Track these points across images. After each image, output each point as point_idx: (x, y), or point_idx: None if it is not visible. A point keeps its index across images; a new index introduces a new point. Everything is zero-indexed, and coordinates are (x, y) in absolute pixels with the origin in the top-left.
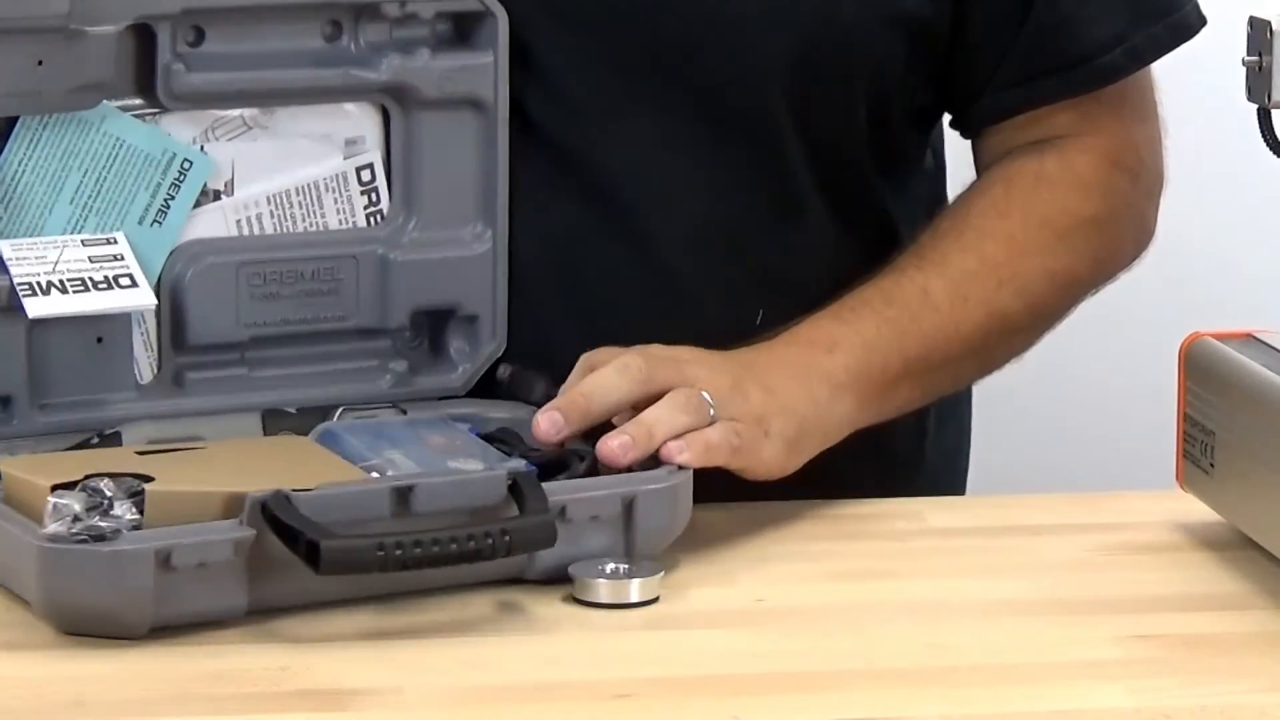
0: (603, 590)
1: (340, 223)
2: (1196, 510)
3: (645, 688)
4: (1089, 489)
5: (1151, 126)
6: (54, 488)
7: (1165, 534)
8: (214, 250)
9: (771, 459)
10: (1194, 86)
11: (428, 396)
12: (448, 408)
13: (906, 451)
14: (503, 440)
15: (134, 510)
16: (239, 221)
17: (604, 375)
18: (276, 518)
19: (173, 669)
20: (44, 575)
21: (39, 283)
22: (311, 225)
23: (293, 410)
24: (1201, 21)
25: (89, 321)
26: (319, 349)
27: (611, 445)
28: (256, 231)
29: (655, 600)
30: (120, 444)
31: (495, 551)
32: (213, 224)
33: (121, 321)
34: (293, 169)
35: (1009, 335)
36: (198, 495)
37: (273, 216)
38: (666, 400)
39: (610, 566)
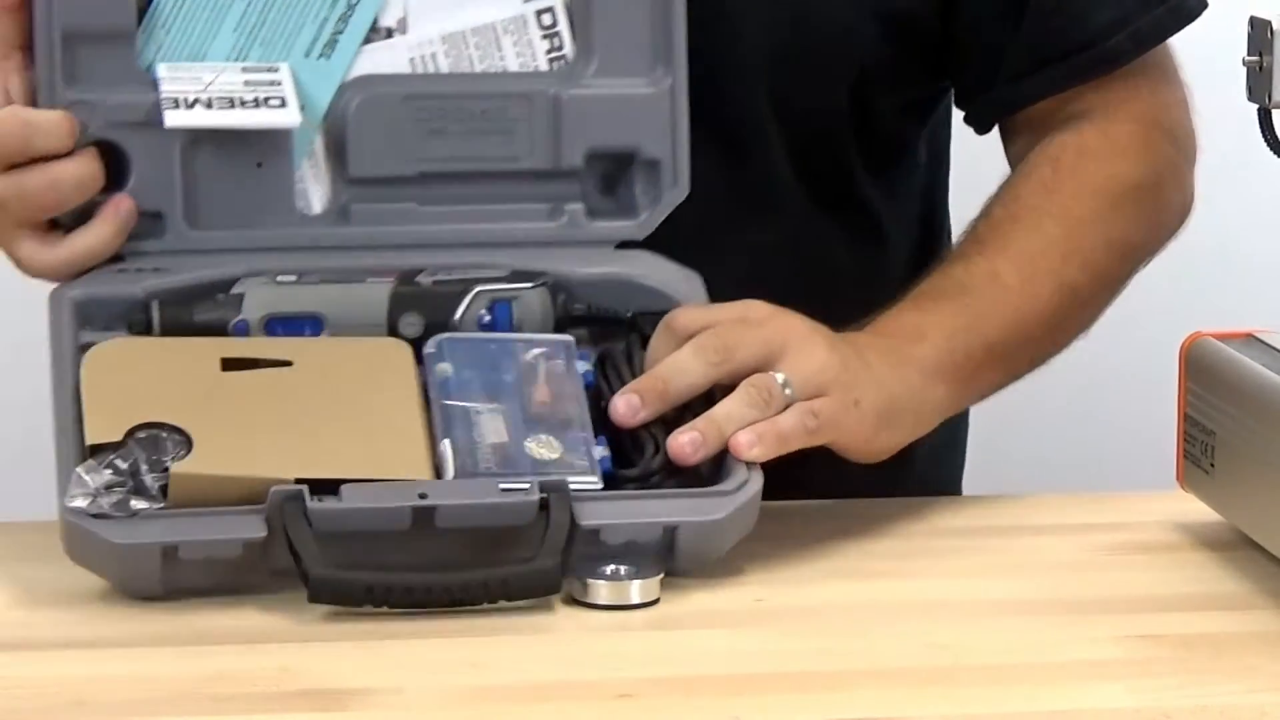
0: (603, 592)
1: (521, 66)
2: (1196, 510)
3: (646, 688)
4: (1089, 489)
5: (1178, 89)
6: (93, 450)
7: (1165, 534)
8: (381, 84)
9: (858, 430)
10: (1194, 86)
11: (605, 241)
12: (614, 262)
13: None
14: (606, 378)
15: (159, 487)
16: (413, 60)
17: (681, 358)
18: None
19: (173, 669)
20: (64, 538)
21: (185, 99)
22: (490, 67)
23: (427, 282)
24: (1203, 5)
25: (248, 146)
26: (492, 189)
27: (681, 442)
28: (431, 71)
29: (655, 602)
30: (239, 309)
31: (491, 599)
32: (386, 61)
33: (282, 148)
34: (469, 9)
35: (1078, 309)
36: (224, 480)
37: (448, 56)
38: (739, 395)
39: (610, 568)
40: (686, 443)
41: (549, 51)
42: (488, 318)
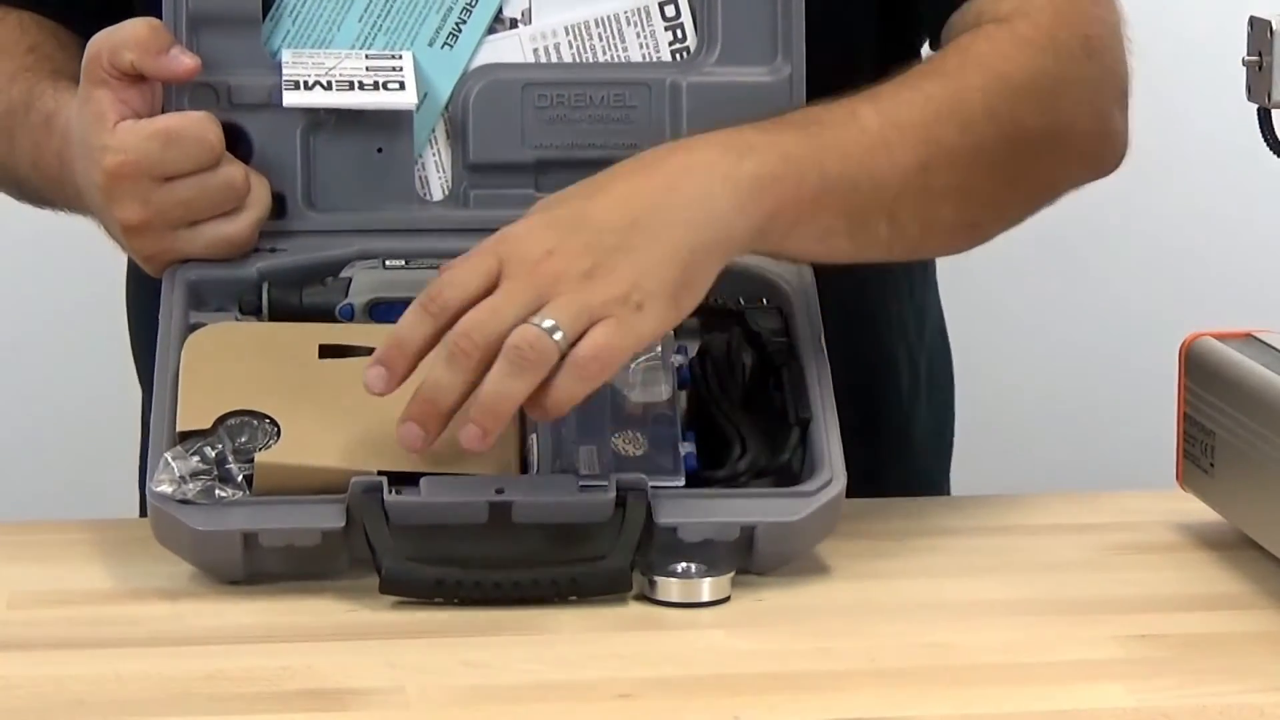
0: (673, 590)
1: (644, 57)
2: (1196, 510)
3: (645, 688)
4: (1089, 489)
5: (1106, 10)
6: (182, 436)
7: (1165, 534)
8: (501, 71)
9: (653, 327)
10: (1194, 86)
11: None
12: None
13: (896, 420)
14: (704, 375)
15: (245, 476)
16: (536, 50)
17: (443, 377)
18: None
19: (173, 669)
20: (151, 520)
21: (305, 81)
22: (613, 59)
23: None
24: None
25: (369, 131)
26: None
27: (470, 437)
28: (554, 61)
29: (726, 600)
30: (346, 293)
31: (561, 596)
32: (509, 51)
33: (403, 134)
34: (592, 1)
35: (950, 172)
36: (308, 470)
37: (571, 47)
38: (499, 369)
39: (682, 566)
40: (471, 438)
41: (672, 43)
42: None
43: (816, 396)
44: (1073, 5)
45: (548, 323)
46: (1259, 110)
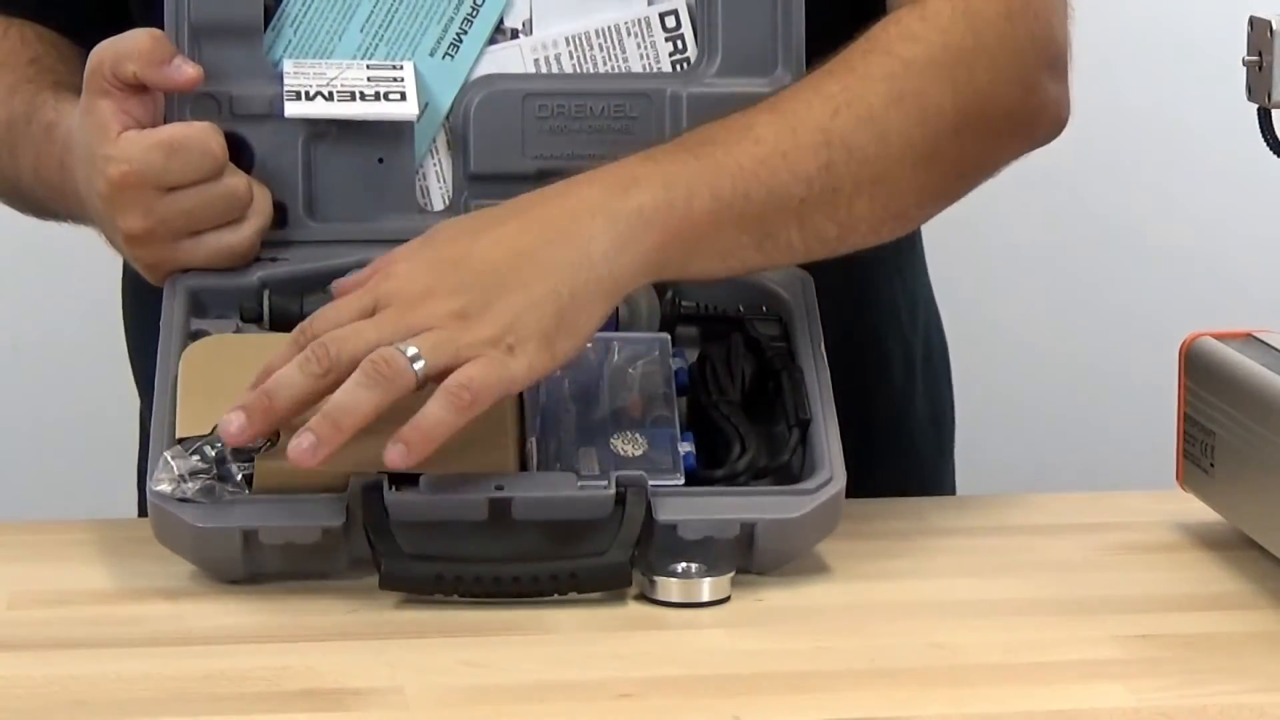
0: (673, 589)
1: (644, 68)
2: (1196, 510)
3: (645, 688)
4: (1089, 489)
5: None
6: (180, 440)
7: (1165, 534)
8: (502, 82)
9: (524, 371)
10: (1194, 86)
11: None
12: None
13: (890, 406)
14: (704, 379)
15: (244, 476)
16: (537, 61)
17: (286, 374)
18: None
19: (173, 669)
20: (151, 519)
21: (306, 91)
22: (613, 69)
23: None
24: None
25: (370, 140)
26: None
27: (301, 447)
28: (555, 72)
29: (726, 600)
30: None
31: (560, 591)
32: (509, 61)
33: (404, 143)
34: (593, 11)
35: (859, 168)
36: (306, 471)
37: (572, 58)
38: (350, 380)
39: (682, 566)
40: (306, 448)
41: (672, 54)
42: None
43: (816, 399)
44: None
45: (410, 350)
46: (1259, 110)
